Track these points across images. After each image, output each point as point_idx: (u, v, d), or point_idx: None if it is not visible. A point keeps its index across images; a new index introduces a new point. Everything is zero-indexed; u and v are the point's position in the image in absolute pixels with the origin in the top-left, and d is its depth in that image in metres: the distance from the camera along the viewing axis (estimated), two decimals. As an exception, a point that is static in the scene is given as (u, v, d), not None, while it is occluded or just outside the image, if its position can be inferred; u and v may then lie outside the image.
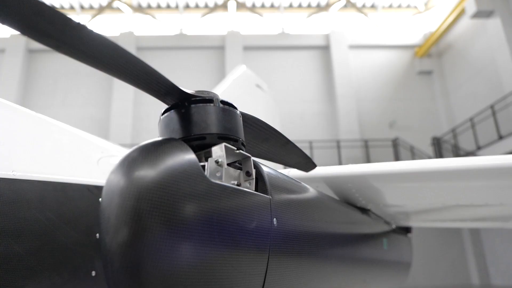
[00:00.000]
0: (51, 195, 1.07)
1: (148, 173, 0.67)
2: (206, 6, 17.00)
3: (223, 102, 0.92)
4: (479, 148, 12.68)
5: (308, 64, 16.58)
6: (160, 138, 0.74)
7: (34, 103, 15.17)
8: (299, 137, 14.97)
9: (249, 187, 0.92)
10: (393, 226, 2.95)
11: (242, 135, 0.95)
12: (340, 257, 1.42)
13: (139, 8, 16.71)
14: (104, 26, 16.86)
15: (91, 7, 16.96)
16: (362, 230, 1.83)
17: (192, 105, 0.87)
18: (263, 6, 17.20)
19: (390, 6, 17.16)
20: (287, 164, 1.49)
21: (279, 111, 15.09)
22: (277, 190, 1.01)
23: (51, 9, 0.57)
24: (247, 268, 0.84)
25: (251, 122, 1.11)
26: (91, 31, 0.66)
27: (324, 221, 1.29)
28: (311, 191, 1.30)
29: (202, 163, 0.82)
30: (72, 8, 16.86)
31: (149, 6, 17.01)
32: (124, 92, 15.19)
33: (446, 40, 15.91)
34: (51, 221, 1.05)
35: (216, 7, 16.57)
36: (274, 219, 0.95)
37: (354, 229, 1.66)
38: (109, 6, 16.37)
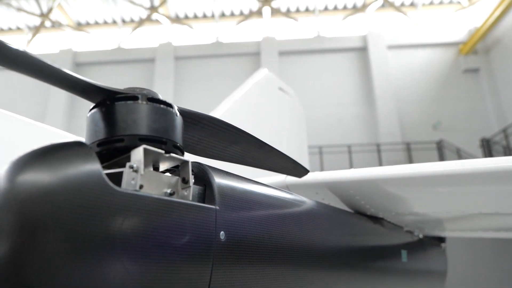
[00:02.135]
0: None
1: (27, 181, 0.58)
2: (241, 13, 17.10)
3: (153, 99, 0.82)
4: (533, 149, 11.75)
5: (345, 66, 16.20)
6: (60, 142, 0.65)
7: (78, 114, 15.89)
8: (337, 141, 14.63)
9: (185, 196, 0.81)
10: (420, 236, 2.72)
11: (175, 137, 0.84)
12: (329, 275, 1.27)
13: (176, 19, 17.12)
14: (143, 38, 17.43)
15: (132, 20, 17.60)
16: (368, 242, 1.66)
17: (116, 103, 0.79)
18: (298, 10, 17.04)
19: (431, 3, 16.42)
20: (272, 169, 1.37)
21: (317, 115, 14.95)
22: (229, 200, 0.90)
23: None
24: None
25: (208, 122, 1.00)
26: (17, 49, 0.69)
27: (305, 233, 1.15)
28: (290, 199, 1.17)
29: (121, 170, 0.73)
30: (114, 22, 17.58)
31: (186, 17, 17.38)
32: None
33: (494, 35, 14.96)
34: None
35: (251, 14, 16.63)
36: (222, 232, 0.84)
37: (355, 242, 1.50)
38: (148, 18, 16.89)
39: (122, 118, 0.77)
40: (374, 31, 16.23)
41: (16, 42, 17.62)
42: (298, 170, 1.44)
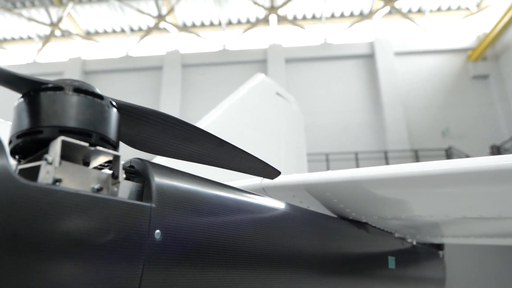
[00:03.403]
0: None
1: None
2: (248, 21, 17.17)
3: (80, 90, 0.78)
4: (545, 156, 11.46)
5: (352, 73, 16.12)
6: None
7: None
8: (344, 148, 14.51)
9: (114, 192, 0.77)
10: (413, 243, 2.63)
11: (105, 130, 0.79)
12: (293, 283, 1.20)
13: (184, 27, 17.25)
14: (151, 46, 17.58)
15: (140, 29, 17.80)
16: (347, 247, 1.60)
17: (39, 94, 0.75)
18: (304, 18, 17.06)
19: (439, 9, 16.29)
20: (238, 170, 1.31)
21: (324, 122, 14.82)
22: (169, 198, 0.86)
23: None
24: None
25: (154, 118, 0.96)
26: None
27: (262, 236, 1.09)
28: (246, 200, 1.12)
29: (39, 163, 0.69)
30: (122, 30, 17.79)
31: (193, 25, 17.51)
32: (170, 112, 15.63)
33: (503, 41, 14.75)
34: None
35: (257, 21, 16.69)
36: (157, 231, 0.80)
37: (329, 246, 1.43)
38: (156, 27, 17.05)
39: (43, 109, 0.74)
40: (381, 38, 16.14)
41: (27, 51, 17.94)
42: (268, 171, 1.38)
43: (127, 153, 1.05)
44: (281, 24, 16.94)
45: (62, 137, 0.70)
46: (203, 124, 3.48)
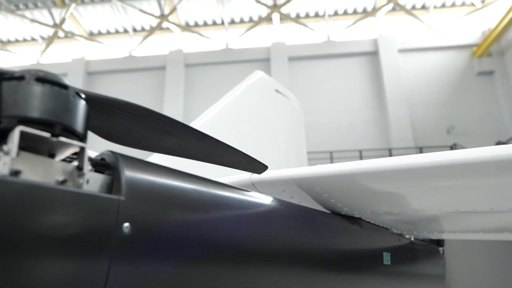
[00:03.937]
0: None
1: None
2: (251, 20, 17.14)
3: (43, 80, 0.76)
4: (551, 152, 11.31)
5: (356, 71, 16.03)
6: None
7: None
8: (348, 146, 14.43)
9: (79, 185, 0.75)
10: (411, 239, 2.60)
11: (69, 120, 0.77)
12: (284, 280, 1.17)
13: (186, 27, 17.26)
14: (154, 46, 17.61)
15: (142, 29, 17.83)
16: (338, 243, 1.57)
17: (2, 83, 0.73)
18: (307, 16, 16.99)
19: (443, 6, 16.15)
20: (223, 164, 1.29)
21: (327, 120, 14.75)
22: (139, 190, 0.83)
23: None
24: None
25: (128, 110, 0.93)
26: None
27: (240, 230, 1.06)
28: (225, 194, 1.09)
29: None
30: (125, 31, 17.83)
31: (196, 24, 17.51)
32: (174, 114, 15.64)
33: (508, 36, 14.59)
34: None
35: (260, 20, 16.64)
36: (126, 224, 0.78)
37: (316, 244, 1.40)
38: (159, 27, 17.06)
39: (3, 98, 0.72)
40: (385, 35, 16.03)
41: (31, 52, 18.04)
42: (254, 166, 1.36)
43: (125, 151, 1.03)
44: (284, 22, 16.89)
45: (21, 127, 0.68)
46: (200, 121, 3.46)
